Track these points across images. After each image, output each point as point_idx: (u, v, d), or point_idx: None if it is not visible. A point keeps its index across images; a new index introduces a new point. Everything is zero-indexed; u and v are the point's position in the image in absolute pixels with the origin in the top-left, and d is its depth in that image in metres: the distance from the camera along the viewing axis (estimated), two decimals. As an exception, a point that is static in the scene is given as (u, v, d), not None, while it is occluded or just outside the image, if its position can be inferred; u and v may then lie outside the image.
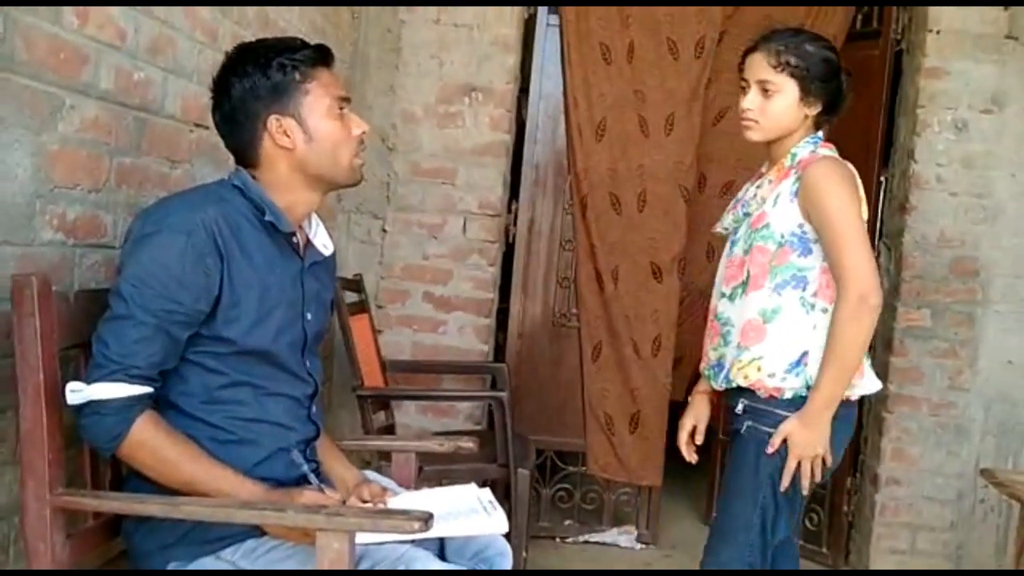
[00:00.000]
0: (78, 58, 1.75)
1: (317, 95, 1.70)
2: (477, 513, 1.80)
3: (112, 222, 1.91)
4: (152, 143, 2.05)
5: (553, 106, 3.83)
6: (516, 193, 3.88)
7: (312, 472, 1.75)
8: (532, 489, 3.43)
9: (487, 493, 1.90)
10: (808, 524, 3.74)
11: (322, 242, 1.83)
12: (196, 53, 2.19)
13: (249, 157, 1.73)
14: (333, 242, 1.89)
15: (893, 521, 3.61)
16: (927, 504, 3.60)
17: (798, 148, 2.11)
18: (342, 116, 1.74)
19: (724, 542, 2.16)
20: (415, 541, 1.67)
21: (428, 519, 1.47)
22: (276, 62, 1.68)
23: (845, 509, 3.79)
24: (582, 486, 3.97)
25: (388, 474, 2.13)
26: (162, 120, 2.09)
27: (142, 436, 1.54)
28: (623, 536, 3.93)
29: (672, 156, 3.74)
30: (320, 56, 1.73)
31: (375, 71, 3.69)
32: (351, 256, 3.69)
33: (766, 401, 2.08)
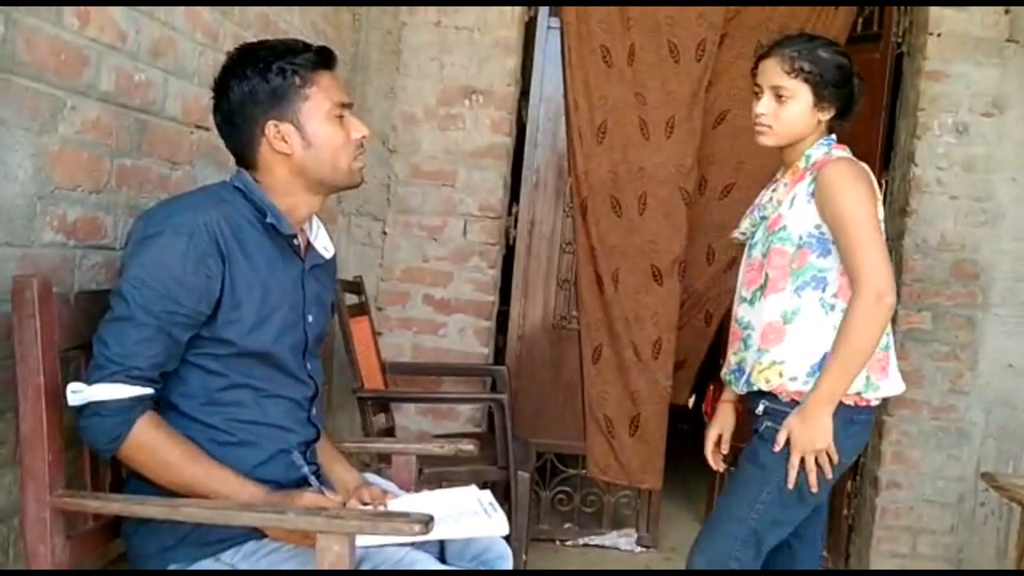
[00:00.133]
0: (79, 59, 1.75)
1: (317, 101, 1.69)
2: (477, 515, 1.80)
3: (113, 223, 1.91)
4: (153, 144, 2.05)
5: (554, 108, 3.83)
6: (516, 195, 3.88)
7: (312, 474, 1.75)
8: (532, 492, 3.43)
9: (487, 495, 1.90)
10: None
11: (323, 244, 1.83)
12: (197, 55, 2.19)
13: (248, 159, 1.72)
14: (333, 244, 1.88)
15: (893, 524, 3.61)
16: (927, 507, 3.60)
17: (812, 150, 2.12)
18: (342, 121, 1.72)
19: (711, 533, 2.16)
20: (415, 543, 1.67)
21: (428, 521, 1.47)
22: (276, 66, 1.66)
23: (845, 512, 3.79)
24: (582, 489, 3.96)
25: (388, 476, 2.13)
26: (163, 121, 2.09)
27: (142, 437, 1.54)
28: (623, 539, 3.92)
29: (673, 159, 3.73)
30: (322, 59, 1.71)
31: (376, 73, 3.69)
32: (351, 258, 3.69)
33: (788, 404, 2.08)
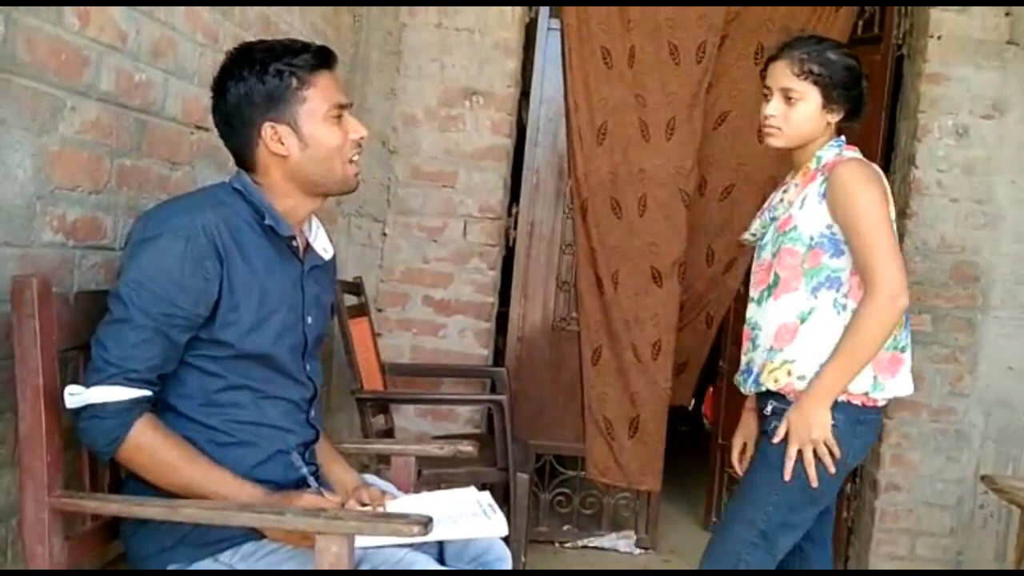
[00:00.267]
0: (79, 59, 1.75)
1: (314, 103, 1.68)
2: (476, 517, 1.80)
3: (112, 224, 1.91)
4: (153, 145, 2.05)
5: (554, 110, 3.83)
6: (516, 197, 3.88)
7: (311, 475, 1.75)
8: (531, 493, 3.43)
9: (486, 496, 1.90)
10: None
11: (322, 246, 1.83)
12: (197, 55, 2.19)
13: (246, 161, 1.72)
14: (333, 245, 1.88)
15: (892, 527, 3.61)
16: (927, 510, 3.60)
17: (823, 152, 2.12)
18: (340, 121, 1.72)
19: (720, 536, 2.16)
20: (414, 545, 1.66)
21: (427, 523, 1.46)
22: (273, 68, 1.66)
23: (844, 515, 3.78)
24: (581, 490, 3.96)
25: (387, 477, 2.13)
26: (163, 122, 2.09)
27: (141, 439, 1.54)
28: (622, 541, 3.92)
29: (673, 160, 3.74)
30: (320, 60, 1.70)
31: (376, 74, 3.69)
32: (351, 259, 3.69)
33: None
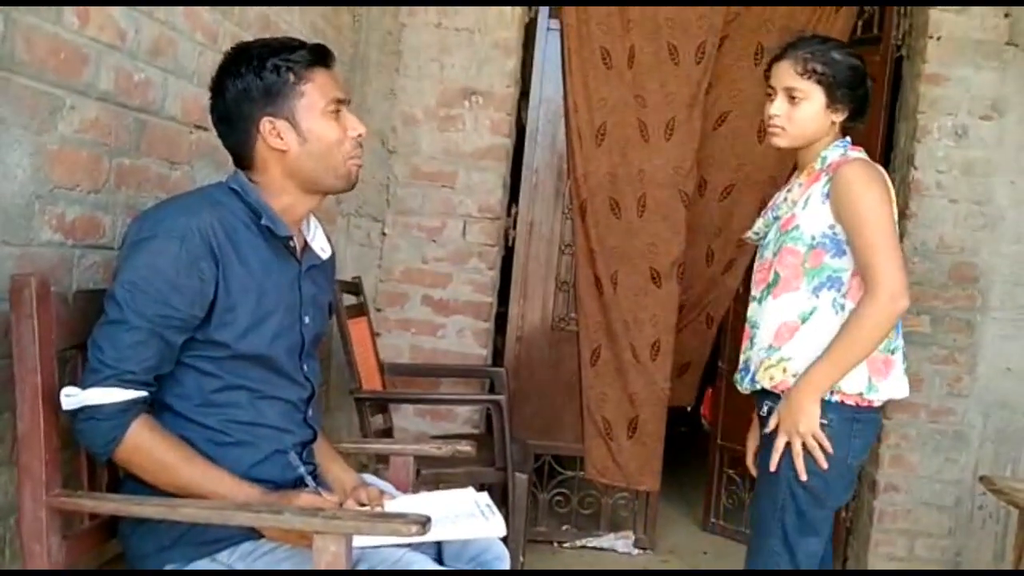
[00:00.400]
0: (78, 58, 1.75)
1: (312, 97, 1.69)
2: (474, 517, 1.79)
3: (111, 223, 1.91)
4: (152, 144, 2.05)
5: (553, 110, 3.83)
6: (516, 197, 3.88)
7: (309, 474, 1.75)
8: (530, 493, 3.43)
9: (485, 497, 1.90)
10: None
11: (320, 245, 1.83)
12: (197, 54, 2.19)
13: (244, 158, 1.72)
14: (332, 245, 1.88)
15: (891, 527, 3.61)
16: (925, 511, 3.60)
17: (827, 152, 2.12)
18: (338, 117, 1.72)
19: (754, 551, 2.16)
20: (412, 545, 1.66)
21: (425, 522, 1.46)
22: (271, 63, 1.67)
23: (843, 515, 3.78)
24: (580, 491, 3.96)
25: (385, 477, 2.12)
26: (162, 121, 2.09)
27: (137, 440, 1.54)
28: (620, 541, 3.92)
29: (672, 161, 3.74)
30: (317, 57, 1.71)
31: (375, 74, 3.69)
32: (350, 259, 3.69)
33: None
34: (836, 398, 2.04)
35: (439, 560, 1.80)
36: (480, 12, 3.65)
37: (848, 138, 2.16)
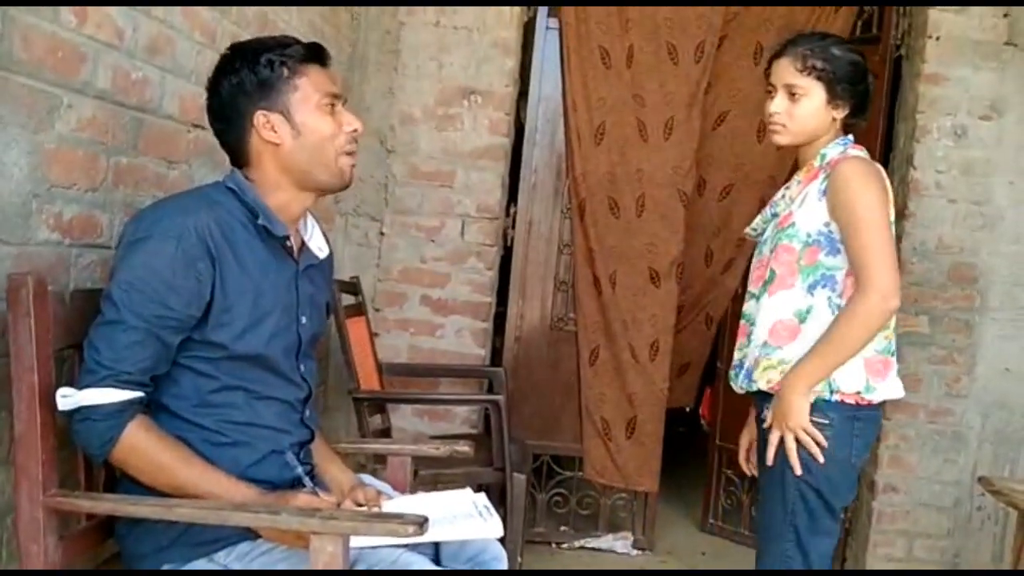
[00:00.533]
0: (76, 57, 1.74)
1: (306, 91, 1.69)
2: (472, 518, 1.79)
3: (108, 222, 1.91)
4: (149, 143, 2.04)
5: (552, 109, 3.83)
6: (514, 196, 3.88)
7: (306, 474, 1.75)
8: (528, 494, 3.42)
9: (482, 498, 1.89)
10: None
11: (317, 245, 1.82)
12: (195, 53, 2.18)
13: (240, 155, 1.72)
14: (330, 244, 1.88)
15: (889, 528, 3.61)
16: (924, 511, 3.60)
17: (828, 149, 2.11)
18: (333, 112, 1.72)
19: (763, 554, 2.16)
20: (410, 545, 1.66)
21: (423, 523, 1.46)
22: (264, 59, 1.67)
23: (841, 516, 3.77)
24: (578, 491, 3.96)
25: (383, 478, 2.12)
26: (160, 120, 2.08)
27: (134, 441, 1.54)
28: (619, 542, 3.92)
29: (671, 160, 3.73)
30: (311, 53, 1.72)
31: (374, 73, 3.68)
32: (348, 259, 3.68)
33: None
34: (836, 397, 2.04)
35: (437, 560, 1.80)
36: (479, 11, 3.64)
37: (850, 136, 2.15)
